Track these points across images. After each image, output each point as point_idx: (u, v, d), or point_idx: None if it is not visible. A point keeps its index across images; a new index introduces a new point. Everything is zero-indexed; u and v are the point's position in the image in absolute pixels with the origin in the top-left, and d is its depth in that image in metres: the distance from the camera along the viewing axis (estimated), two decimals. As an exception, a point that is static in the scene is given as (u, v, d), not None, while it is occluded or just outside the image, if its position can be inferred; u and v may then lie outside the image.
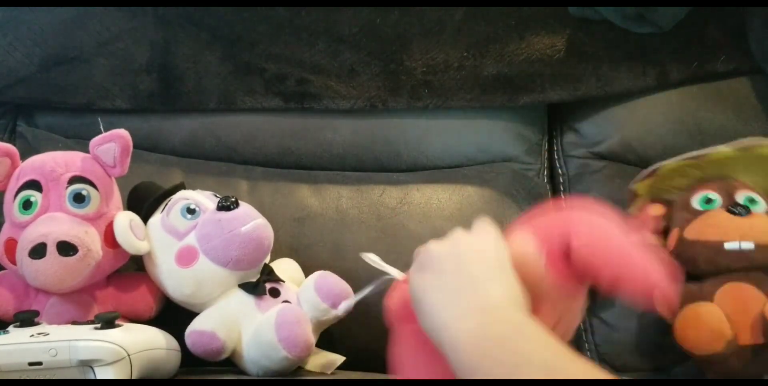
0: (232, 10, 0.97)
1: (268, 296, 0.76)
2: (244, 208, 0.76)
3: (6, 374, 0.61)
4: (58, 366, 0.61)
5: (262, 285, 0.76)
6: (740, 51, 1.00)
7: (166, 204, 0.79)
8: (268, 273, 0.78)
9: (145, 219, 0.79)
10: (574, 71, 0.99)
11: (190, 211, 0.77)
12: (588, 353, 0.92)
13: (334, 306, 0.77)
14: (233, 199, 0.76)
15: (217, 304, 0.76)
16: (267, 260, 0.80)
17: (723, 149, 0.82)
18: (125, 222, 0.74)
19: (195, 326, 0.74)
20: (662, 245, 0.83)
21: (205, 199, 0.78)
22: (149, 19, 0.97)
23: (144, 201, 0.80)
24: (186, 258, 0.75)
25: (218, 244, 0.74)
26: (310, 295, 0.77)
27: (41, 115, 1.00)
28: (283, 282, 0.79)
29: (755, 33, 0.98)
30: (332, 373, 0.77)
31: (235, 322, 0.75)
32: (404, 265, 0.89)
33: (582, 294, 0.57)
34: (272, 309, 0.74)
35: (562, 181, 1.02)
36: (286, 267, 0.85)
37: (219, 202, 0.76)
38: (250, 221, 0.75)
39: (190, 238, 0.76)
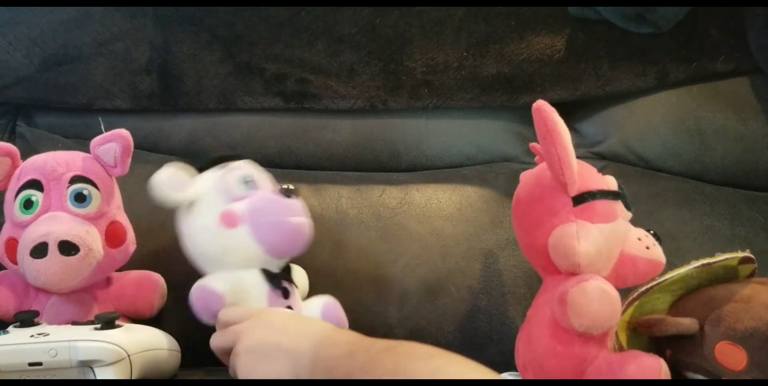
0: (232, 10, 0.97)
1: (280, 292, 0.76)
2: (300, 202, 0.76)
3: (6, 374, 0.61)
4: (58, 367, 0.61)
5: (279, 279, 0.76)
6: (740, 51, 1.00)
7: (224, 166, 0.78)
8: (287, 272, 0.79)
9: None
10: (574, 71, 0.99)
11: (247, 182, 0.76)
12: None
13: None
14: (293, 189, 0.76)
15: (235, 272, 0.75)
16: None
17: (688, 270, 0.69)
18: (159, 178, 0.73)
19: (207, 284, 0.72)
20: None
21: (263, 177, 0.79)
22: (149, 19, 0.97)
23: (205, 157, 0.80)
24: (230, 221, 0.74)
25: (265, 222, 0.73)
26: (313, 316, 0.77)
27: (41, 115, 1.00)
28: (297, 287, 0.79)
29: (755, 33, 0.98)
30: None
31: (244, 299, 0.73)
32: (404, 265, 0.89)
33: None
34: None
35: (562, 181, 1.02)
36: (295, 272, 0.84)
37: (282, 187, 0.76)
38: (301, 215, 0.75)
39: (241, 206, 0.74)
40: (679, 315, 0.66)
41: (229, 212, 0.74)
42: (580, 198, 0.65)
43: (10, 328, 0.66)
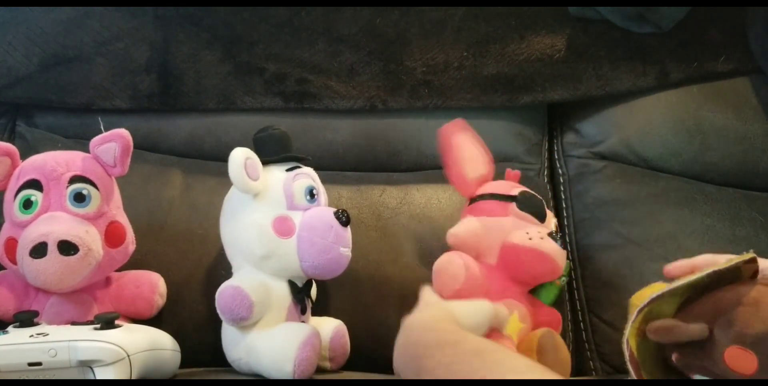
0: (232, 10, 0.97)
1: (299, 308, 0.76)
2: (349, 232, 0.77)
3: (5, 374, 0.61)
4: (58, 367, 0.61)
5: (303, 295, 0.76)
6: (740, 51, 1.00)
7: (294, 169, 0.77)
8: (308, 287, 0.79)
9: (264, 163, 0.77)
10: (574, 71, 0.99)
11: (312, 195, 0.77)
12: (588, 353, 0.92)
13: (332, 361, 0.78)
14: (348, 215, 0.76)
15: (265, 279, 0.75)
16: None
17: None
18: (241, 158, 0.73)
19: (243, 288, 0.72)
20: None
21: (322, 190, 0.79)
22: (149, 19, 0.97)
23: (272, 146, 0.78)
24: (283, 228, 0.74)
25: (316, 243, 0.74)
26: (323, 340, 0.77)
27: (41, 115, 1.00)
28: (313, 305, 0.80)
29: (755, 33, 0.98)
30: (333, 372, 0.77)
31: (267, 307, 0.74)
32: (404, 265, 0.89)
33: None
34: (307, 324, 0.74)
35: (562, 180, 1.02)
36: (313, 288, 0.84)
37: (339, 210, 0.76)
38: (348, 247, 0.76)
39: (297, 217, 0.75)
40: (687, 318, 0.66)
41: (286, 219, 0.74)
42: (471, 200, 0.83)
43: (10, 328, 0.66)
